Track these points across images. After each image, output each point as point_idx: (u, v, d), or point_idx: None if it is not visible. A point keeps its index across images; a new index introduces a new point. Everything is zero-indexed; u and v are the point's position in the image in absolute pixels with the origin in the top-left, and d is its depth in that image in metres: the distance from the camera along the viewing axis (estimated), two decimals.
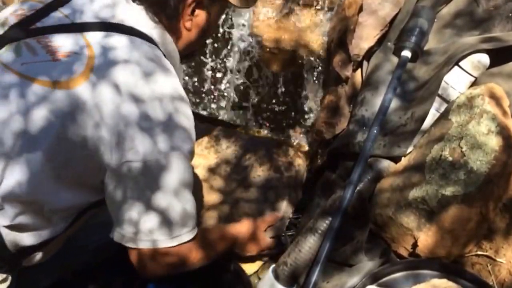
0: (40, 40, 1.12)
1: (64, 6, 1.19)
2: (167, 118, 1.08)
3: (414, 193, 1.25)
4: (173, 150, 1.07)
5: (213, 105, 2.27)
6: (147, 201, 1.08)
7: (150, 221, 1.09)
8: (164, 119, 1.07)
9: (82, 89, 1.06)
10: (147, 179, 1.07)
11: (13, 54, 1.11)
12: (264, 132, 2.02)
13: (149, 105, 1.07)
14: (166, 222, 1.10)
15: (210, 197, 1.62)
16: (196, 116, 1.89)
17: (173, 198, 1.10)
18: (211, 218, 1.61)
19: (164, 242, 1.12)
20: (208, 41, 2.10)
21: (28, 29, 1.14)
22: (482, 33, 1.55)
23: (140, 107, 1.06)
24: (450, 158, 1.24)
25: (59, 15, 1.17)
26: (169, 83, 1.12)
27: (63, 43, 1.12)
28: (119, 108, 1.05)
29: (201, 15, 1.22)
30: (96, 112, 1.05)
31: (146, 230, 1.10)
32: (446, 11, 1.65)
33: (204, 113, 2.25)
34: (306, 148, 1.83)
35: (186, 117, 1.12)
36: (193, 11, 1.20)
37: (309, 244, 1.36)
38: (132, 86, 1.07)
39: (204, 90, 2.25)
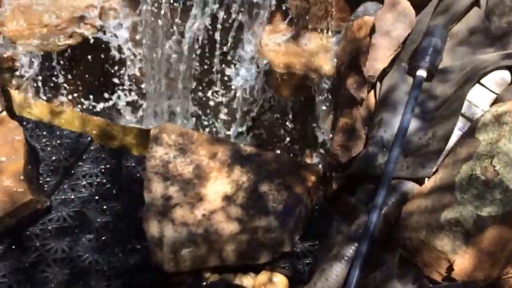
0: None
1: None
2: None
3: (446, 215, 1.21)
4: None
5: (225, 130, 2.25)
6: None
7: None
8: None
9: None
10: None
11: None
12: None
13: None
14: None
15: (227, 225, 1.57)
16: (209, 138, 1.88)
17: None
18: (229, 249, 1.56)
19: None
20: (215, 68, 2.07)
21: None
22: (497, 50, 1.54)
23: None
24: (483, 178, 1.21)
25: None
26: None
27: None
28: None
29: None
30: None
31: None
32: (458, 28, 1.65)
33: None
34: (321, 172, 1.79)
35: None
36: None
37: (336, 272, 1.32)
38: None
39: (214, 115, 2.23)
